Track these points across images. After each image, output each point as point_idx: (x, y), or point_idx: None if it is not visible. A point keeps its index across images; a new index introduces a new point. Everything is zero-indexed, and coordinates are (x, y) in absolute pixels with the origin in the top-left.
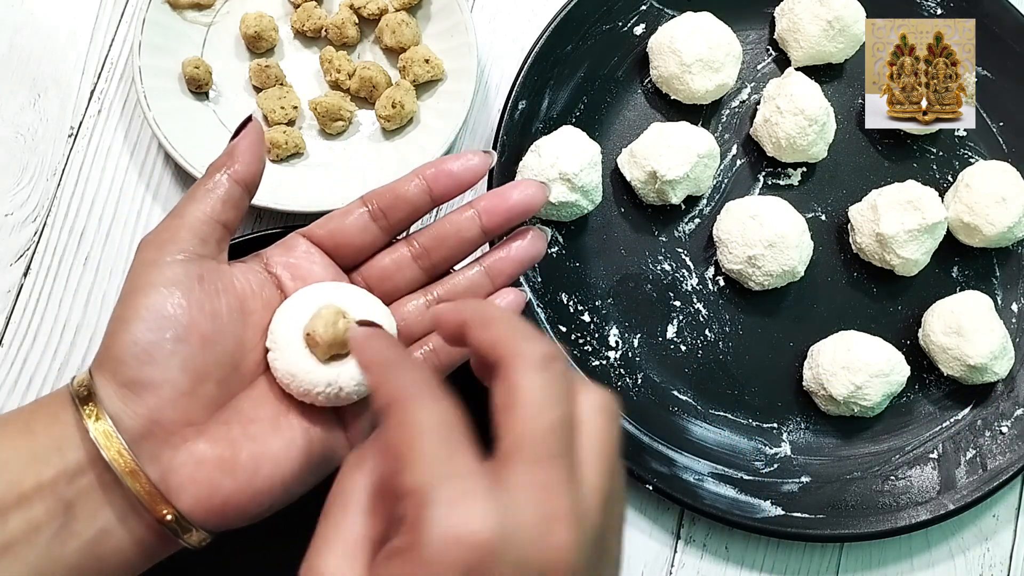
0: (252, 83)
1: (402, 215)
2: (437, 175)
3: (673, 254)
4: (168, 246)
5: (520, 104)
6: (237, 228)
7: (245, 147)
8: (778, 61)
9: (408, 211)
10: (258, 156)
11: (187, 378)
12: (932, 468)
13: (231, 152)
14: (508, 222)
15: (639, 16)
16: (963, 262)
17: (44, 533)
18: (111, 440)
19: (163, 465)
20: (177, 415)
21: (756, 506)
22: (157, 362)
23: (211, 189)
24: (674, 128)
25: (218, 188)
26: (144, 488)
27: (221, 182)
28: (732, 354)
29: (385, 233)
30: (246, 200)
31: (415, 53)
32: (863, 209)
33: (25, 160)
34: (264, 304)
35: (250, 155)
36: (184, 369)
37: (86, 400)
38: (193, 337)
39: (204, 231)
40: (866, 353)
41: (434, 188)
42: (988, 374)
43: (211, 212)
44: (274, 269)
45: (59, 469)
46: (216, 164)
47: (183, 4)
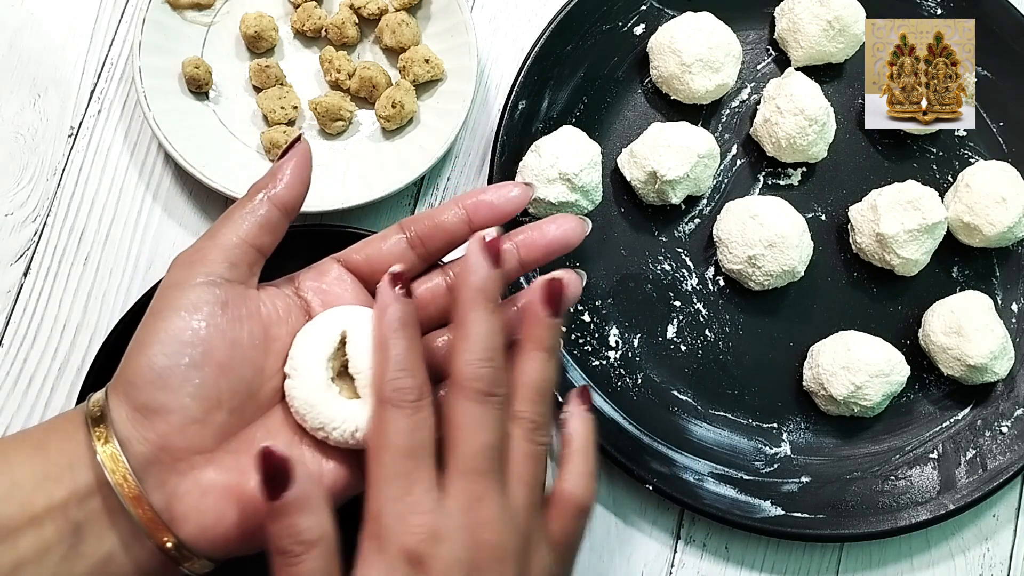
0: (252, 83)
1: (440, 244)
2: (477, 206)
3: (673, 254)
4: (197, 268)
5: (520, 104)
6: (271, 252)
7: (290, 169)
8: (778, 61)
9: (446, 240)
10: (303, 180)
11: (199, 405)
12: (932, 468)
13: (275, 173)
14: (547, 257)
15: (639, 16)
16: (963, 262)
17: (54, 555)
18: (117, 464)
19: (168, 491)
20: (186, 442)
21: (756, 506)
22: (170, 388)
23: (249, 212)
24: (674, 128)
25: (257, 211)
26: (146, 515)
27: (260, 204)
28: (732, 354)
29: (422, 261)
30: (284, 224)
31: (415, 53)
32: (863, 209)
33: (25, 160)
34: (289, 331)
35: (295, 178)
36: (196, 396)
37: (99, 421)
38: (209, 364)
39: (236, 255)
40: (866, 353)
41: (474, 218)
42: (988, 374)
43: (245, 235)
44: (304, 294)
45: (71, 490)
46: (258, 185)
47: (183, 4)
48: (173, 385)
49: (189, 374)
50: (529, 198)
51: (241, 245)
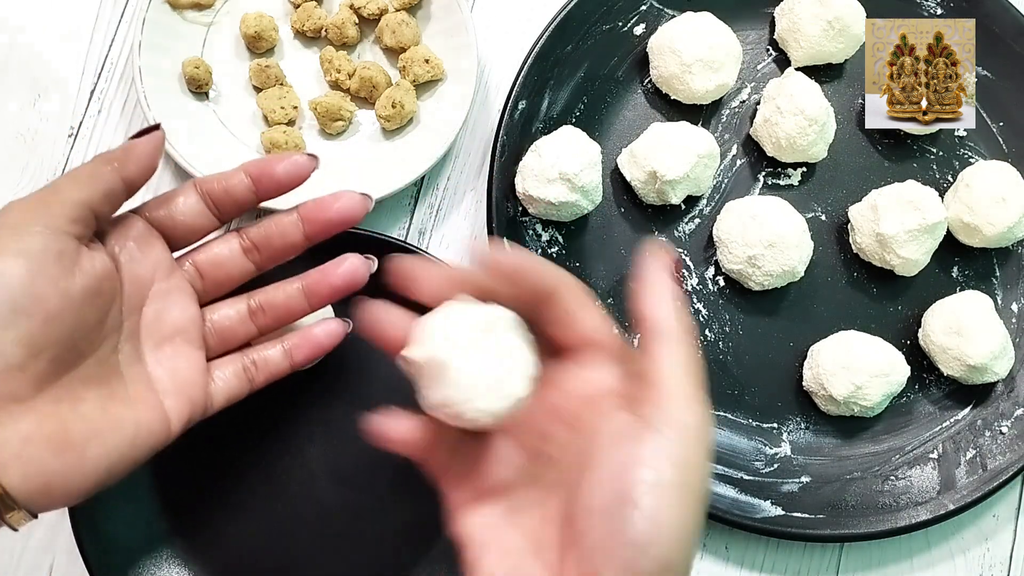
0: (252, 83)
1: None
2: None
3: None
4: (36, 215)
5: (520, 104)
6: (104, 222)
7: (144, 152)
8: (778, 61)
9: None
10: (153, 165)
11: (22, 352)
12: (932, 468)
13: (129, 150)
14: (327, 231)
15: (639, 16)
16: (963, 262)
17: None
18: None
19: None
20: (4, 389)
21: (756, 506)
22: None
23: (97, 178)
24: (674, 128)
25: (104, 180)
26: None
27: (109, 175)
28: (732, 354)
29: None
30: (123, 200)
31: (415, 53)
32: (863, 209)
33: (25, 160)
34: (113, 289)
35: (147, 161)
36: (19, 343)
37: None
38: (38, 312)
39: (76, 214)
40: (866, 353)
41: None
42: (988, 374)
43: (88, 199)
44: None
45: None
46: (109, 156)
47: (183, 4)
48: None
49: (15, 319)
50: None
51: (83, 206)
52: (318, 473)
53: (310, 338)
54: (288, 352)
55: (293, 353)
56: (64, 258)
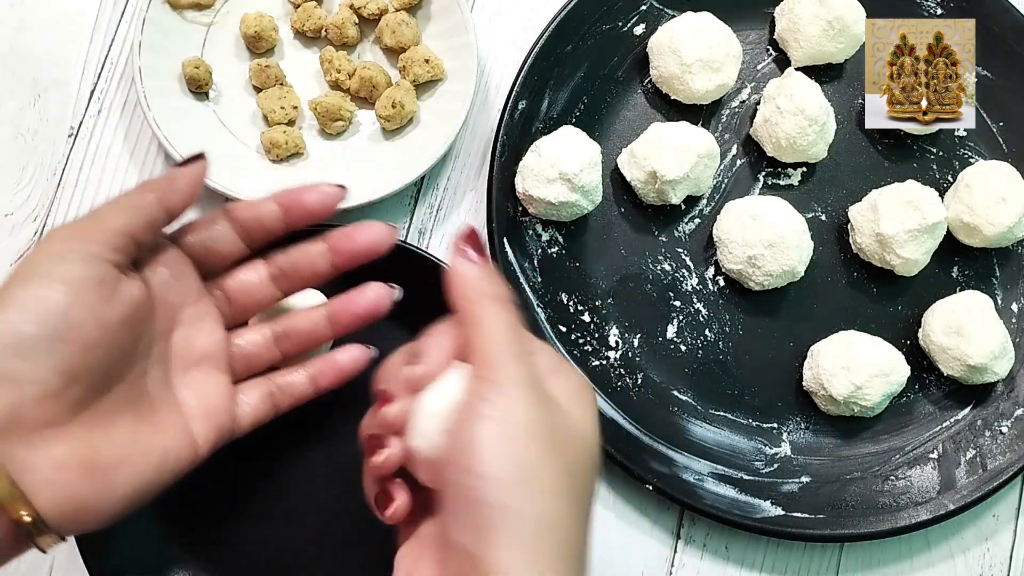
0: (252, 83)
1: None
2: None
3: (673, 254)
4: (78, 243)
5: (520, 104)
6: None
7: (187, 182)
8: (778, 61)
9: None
10: (195, 194)
11: (59, 380)
12: (932, 468)
13: (173, 180)
14: (354, 262)
15: (639, 16)
16: (963, 262)
17: None
18: None
19: (18, 465)
20: (40, 415)
21: (756, 506)
22: (28, 357)
23: (140, 207)
24: (674, 128)
25: (147, 209)
26: (5, 488)
27: (151, 204)
28: (732, 354)
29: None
30: (163, 228)
31: (415, 53)
32: (863, 209)
33: (25, 160)
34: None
35: (190, 191)
36: (57, 370)
37: None
38: (76, 340)
39: (119, 241)
40: (866, 353)
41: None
42: (988, 374)
43: (131, 228)
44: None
45: None
46: (152, 185)
47: (183, 4)
48: (32, 355)
49: (53, 346)
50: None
51: (125, 234)
52: (318, 474)
53: (334, 364)
54: (313, 378)
55: (318, 380)
56: (104, 286)
